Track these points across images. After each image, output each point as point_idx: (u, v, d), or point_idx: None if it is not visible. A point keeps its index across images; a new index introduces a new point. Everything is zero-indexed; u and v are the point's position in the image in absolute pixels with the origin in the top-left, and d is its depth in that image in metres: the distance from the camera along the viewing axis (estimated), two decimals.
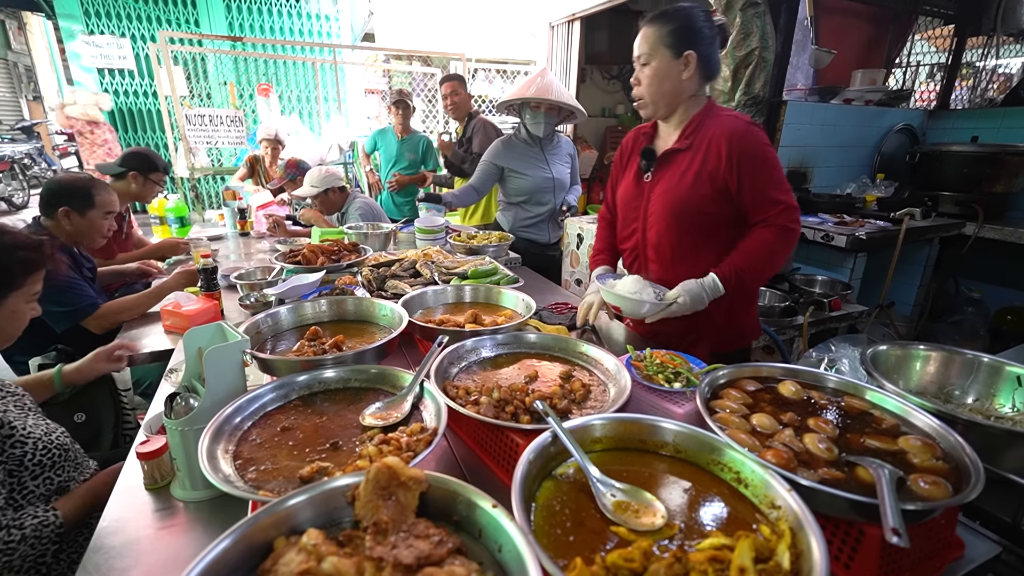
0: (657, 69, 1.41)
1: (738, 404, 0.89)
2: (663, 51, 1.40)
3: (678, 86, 1.43)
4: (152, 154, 2.80)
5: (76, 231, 2.06)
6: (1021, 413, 0.94)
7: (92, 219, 2.08)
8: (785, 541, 0.61)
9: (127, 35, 5.85)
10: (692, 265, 1.44)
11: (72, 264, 2.00)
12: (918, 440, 0.78)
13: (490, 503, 0.61)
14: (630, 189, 1.60)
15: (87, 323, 1.87)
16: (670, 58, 1.40)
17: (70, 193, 2.02)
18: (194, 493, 0.93)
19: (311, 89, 6.54)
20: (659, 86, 1.43)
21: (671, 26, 1.39)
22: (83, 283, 1.94)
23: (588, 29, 5.20)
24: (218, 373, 0.92)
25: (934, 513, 0.66)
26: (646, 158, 1.53)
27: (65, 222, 2.02)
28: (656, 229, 1.52)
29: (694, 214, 1.44)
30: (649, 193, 1.53)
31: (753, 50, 2.85)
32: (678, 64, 1.40)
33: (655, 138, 1.61)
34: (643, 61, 1.43)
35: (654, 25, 1.42)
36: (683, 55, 1.39)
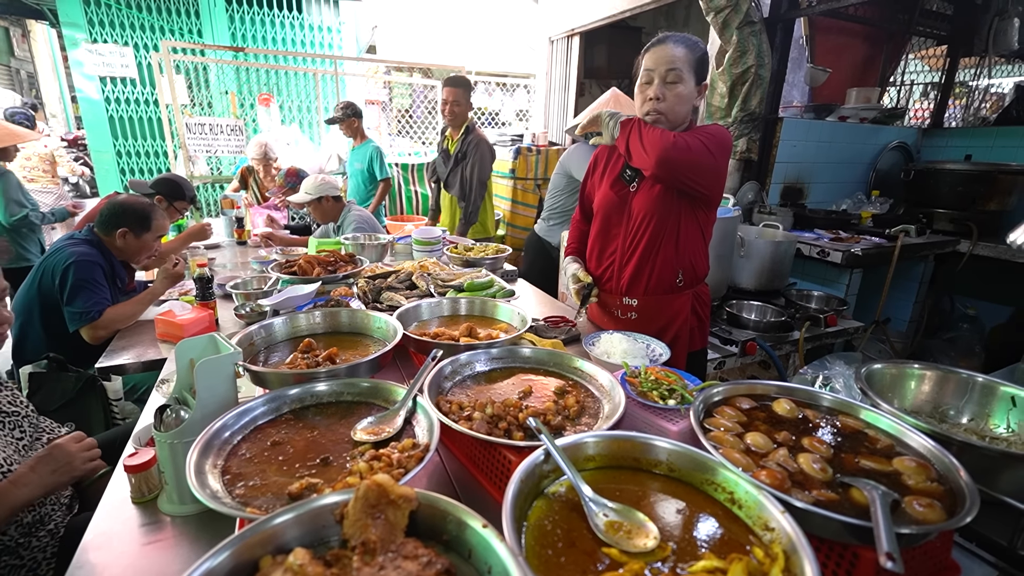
0: (685, 91, 1.49)
1: (732, 422, 0.88)
2: (690, 76, 1.48)
3: (689, 112, 1.52)
4: (183, 183, 2.93)
5: (128, 250, 2.15)
6: (1015, 434, 0.94)
7: (145, 241, 2.17)
8: (779, 564, 0.60)
9: (130, 44, 5.90)
10: (659, 267, 1.60)
11: (110, 272, 2.05)
12: (913, 461, 0.78)
13: (480, 523, 0.60)
14: (611, 199, 1.67)
15: (85, 330, 1.87)
16: (694, 84, 1.49)
17: (132, 215, 2.10)
18: (182, 507, 0.91)
19: (312, 99, 6.58)
20: (682, 107, 1.51)
21: (698, 55, 1.49)
22: (106, 289, 1.98)
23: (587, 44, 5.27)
24: (209, 386, 0.91)
25: (929, 537, 0.65)
26: (631, 169, 1.59)
27: (120, 241, 2.10)
28: (640, 234, 1.60)
29: (672, 218, 1.55)
30: (632, 201, 1.58)
31: (749, 67, 2.89)
32: (696, 91, 1.50)
33: None
34: (672, 79, 1.47)
35: (683, 48, 1.47)
36: (701, 84, 1.51)
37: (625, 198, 1.63)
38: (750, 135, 3.18)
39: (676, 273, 1.60)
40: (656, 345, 1.38)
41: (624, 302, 1.67)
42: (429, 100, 6.56)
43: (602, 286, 1.72)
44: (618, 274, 1.67)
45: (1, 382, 1.35)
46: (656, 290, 1.61)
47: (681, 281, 1.61)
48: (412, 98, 6.77)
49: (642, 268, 1.62)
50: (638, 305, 1.65)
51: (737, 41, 2.86)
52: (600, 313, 1.79)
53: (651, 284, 1.61)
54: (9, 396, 1.34)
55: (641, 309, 1.65)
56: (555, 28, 5.27)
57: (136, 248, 2.15)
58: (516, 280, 2.35)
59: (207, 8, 6.13)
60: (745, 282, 2.76)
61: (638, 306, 1.65)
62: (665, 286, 1.61)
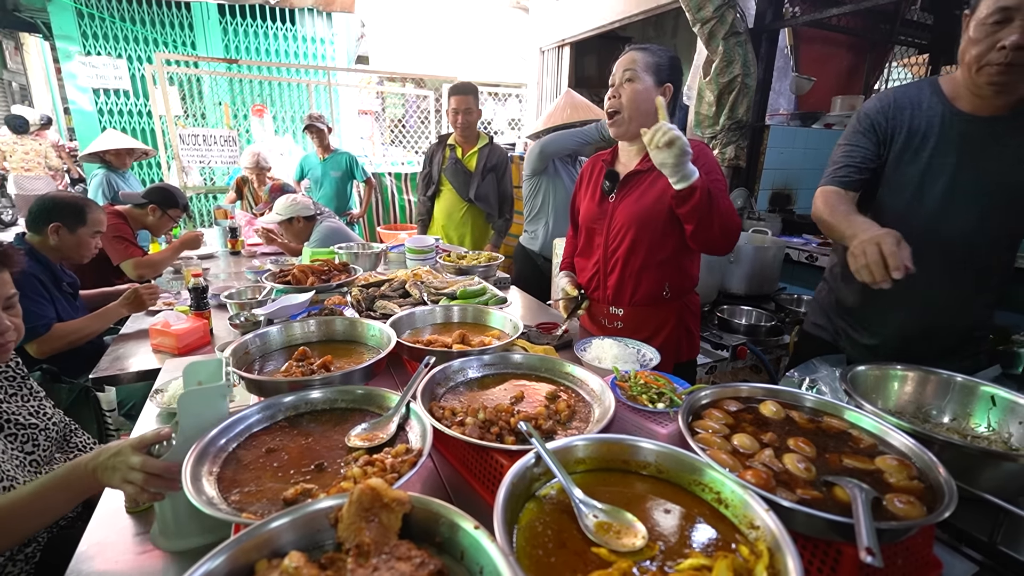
0: (640, 90, 1.52)
1: (720, 424, 0.90)
2: (648, 76, 1.51)
3: (651, 110, 1.53)
4: (176, 191, 2.95)
5: (63, 247, 2.07)
6: (995, 432, 0.96)
7: (81, 236, 2.10)
8: (763, 562, 0.62)
9: (123, 56, 5.92)
10: (643, 278, 1.61)
11: (50, 280, 1.99)
12: (894, 460, 0.80)
13: (472, 524, 0.61)
14: (593, 210, 1.71)
15: (31, 345, 1.81)
16: (652, 84, 1.52)
17: (62, 209, 2.04)
18: (176, 542, 0.87)
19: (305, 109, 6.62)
20: (638, 106, 1.53)
21: (657, 59, 1.53)
22: (45, 302, 1.91)
23: (578, 54, 5.34)
24: (193, 417, 0.86)
25: (910, 532, 0.67)
26: (609, 180, 1.62)
27: (53, 238, 2.03)
28: (618, 244, 1.62)
29: (653, 229, 1.55)
30: (612, 212, 1.63)
31: (736, 77, 2.95)
32: (657, 91, 1.52)
33: (615, 162, 1.72)
34: (627, 77, 1.53)
35: (644, 53, 1.55)
36: (664, 85, 1.53)
37: (606, 209, 1.66)
38: (738, 142, 3.23)
39: (662, 285, 1.61)
40: (646, 350, 1.40)
41: (611, 311, 1.70)
42: (421, 110, 6.61)
43: (590, 295, 1.74)
44: (603, 284, 1.69)
45: (32, 391, 1.33)
46: (641, 301, 1.63)
47: (668, 293, 1.62)
48: (405, 108, 6.83)
49: (624, 279, 1.63)
50: (623, 315, 1.67)
51: (723, 51, 2.92)
52: (589, 322, 1.81)
53: (636, 295, 1.63)
54: (34, 407, 1.32)
55: (627, 319, 1.67)
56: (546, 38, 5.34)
57: (72, 245, 2.07)
58: (508, 287, 2.37)
59: (200, 21, 6.18)
60: (735, 287, 2.79)
61: (623, 315, 1.67)
62: (651, 297, 1.62)
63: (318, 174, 4.46)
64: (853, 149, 1.37)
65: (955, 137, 1.24)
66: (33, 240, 2.04)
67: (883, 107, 1.33)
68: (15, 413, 1.25)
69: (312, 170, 4.52)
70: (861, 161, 1.35)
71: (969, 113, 1.23)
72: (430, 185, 3.24)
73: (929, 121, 1.27)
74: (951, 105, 1.25)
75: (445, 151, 3.16)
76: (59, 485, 0.90)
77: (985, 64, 1.12)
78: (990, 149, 1.21)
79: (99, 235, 2.20)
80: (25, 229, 2.07)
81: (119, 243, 2.61)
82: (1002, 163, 1.21)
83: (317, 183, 4.50)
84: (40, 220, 2.02)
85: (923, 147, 1.28)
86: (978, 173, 1.23)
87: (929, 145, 1.27)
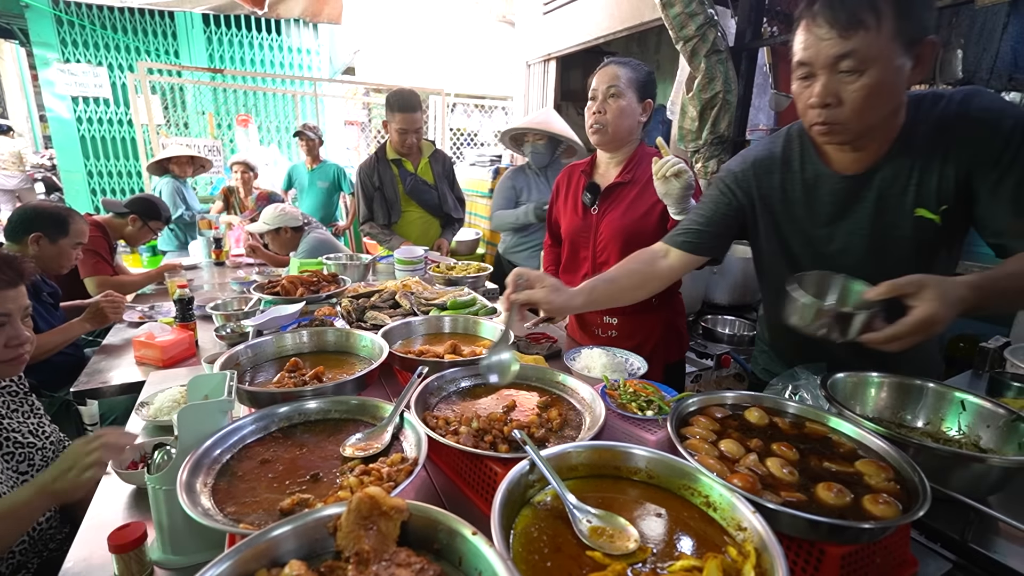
0: (625, 106, 1.58)
1: (707, 430, 0.93)
2: (631, 92, 1.56)
3: (634, 126, 1.61)
4: (158, 203, 2.92)
5: (43, 258, 2.03)
6: (966, 435, 1.01)
7: (62, 247, 2.07)
8: (750, 562, 0.64)
9: (104, 64, 5.84)
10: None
11: (30, 289, 1.96)
12: (873, 463, 0.83)
13: (470, 530, 0.62)
14: (576, 222, 1.75)
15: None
16: (636, 100, 1.58)
17: (44, 219, 2.01)
18: (174, 558, 0.87)
19: (291, 120, 6.60)
20: (623, 120, 1.59)
21: (638, 75, 1.57)
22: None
23: (564, 68, 5.43)
24: (193, 433, 0.85)
25: (887, 531, 0.70)
26: (591, 192, 1.66)
27: (33, 248, 1.99)
28: (606, 256, 1.66)
29: (640, 243, 1.54)
30: (597, 224, 1.67)
31: (717, 93, 3.04)
32: (640, 107, 1.59)
33: (594, 174, 1.74)
34: (612, 92, 1.58)
35: (625, 68, 1.59)
36: (644, 101, 1.60)
37: (590, 223, 1.70)
38: (720, 156, 3.32)
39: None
40: (634, 359, 1.43)
41: (605, 321, 1.73)
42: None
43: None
44: None
45: (32, 408, 1.31)
46: (633, 310, 1.66)
47: (655, 300, 1.66)
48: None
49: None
50: (618, 324, 1.71)
51: (705, 68, 3.01)
52: (580, 332, 1.84)
53: (628, 306, 1.64)
54: (34, 424, 1.29)
55: (620, 327, 1.71)
56: (532, 53, 5.43)
57: (52, 255, 2.04)
58: (497, 298, 2.39)
59: (184, 30, 6.13)
60: (719, 298, 2.85)
61: (618, 324, 1.71)
62: (640, 306, 1.64)
63: (305, 183, 4.47)
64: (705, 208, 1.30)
65: (825, 195, 1.15)
66: (12, 250, 2.00)
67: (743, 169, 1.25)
68: (15, 431, 1.23)
69: (300, 180, 4.53)
70: (709, 223, 1.28)
71: (835, 172, 1.13)
72: (390, 210, 2.88)
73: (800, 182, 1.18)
74: (820, 163, 1.15)
75: (392, 168, 2.88)
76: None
77: (809, 124, 1.05)
78: (856, 207, 1.12)
79: (80, 246, 2.17)
80: (3, 239, 2.03)
81: (90, 257, 2.56)
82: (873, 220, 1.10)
83: (304, 193, 4.51)
84: (20, 229, 1.99)
85: (791, 207, 1.19)
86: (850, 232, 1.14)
87: (798, 205, 1.18)
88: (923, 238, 1.08)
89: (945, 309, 0.86)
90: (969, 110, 0.99)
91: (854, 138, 1.03)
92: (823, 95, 0.98)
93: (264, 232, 2.84)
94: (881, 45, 0.91)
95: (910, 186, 1.05)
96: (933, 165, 1.02)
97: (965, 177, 1.01)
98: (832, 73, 0.96)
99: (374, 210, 2.91)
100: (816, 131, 1.04)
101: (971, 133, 0.98)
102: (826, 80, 0.97)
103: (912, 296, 0.88)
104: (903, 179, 1.05)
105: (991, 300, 0.91)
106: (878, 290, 0.91)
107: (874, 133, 1.03)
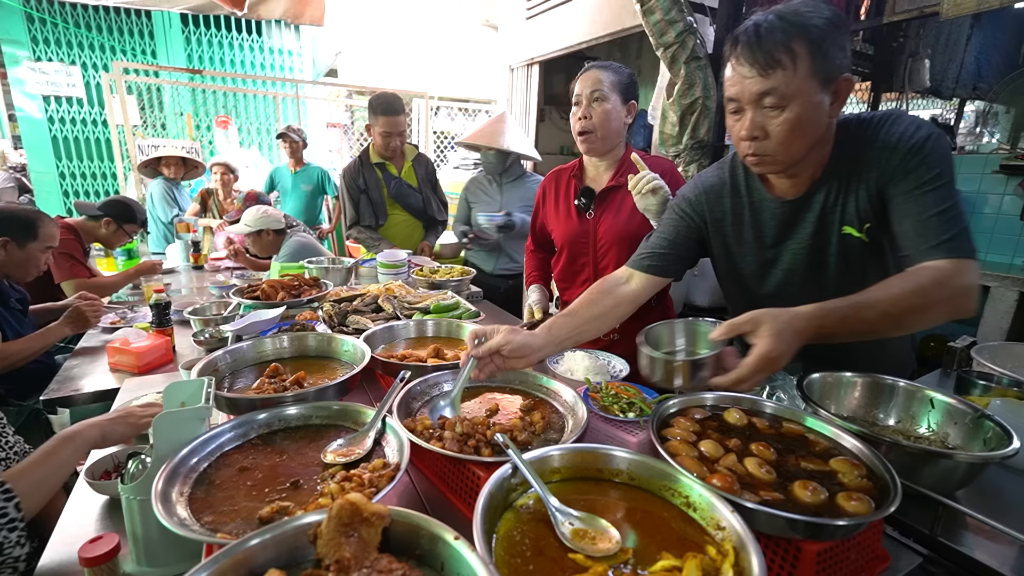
0: (610, 109, 1.60)
1: (687, 432, 0.94)
2: (615, 95, 1.59)
3: (620, 128, 1.63)
4: (133, 205, 2.86)
5: (10, 263, 1.97)
6: (935, 433, 1.04)
7: (31, 252, 2.01)
8: (729, 560, 0.65)
9: (77, 63, 5.70)
10: None
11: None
12: (847, 461, 0.86)
13: (452, 535, 0.62)
14: (572, 227, 1.75)
15: None
16: (620, 103, 1.60)
17: (12, 223, 1.95)
18: (149, 571, 0.85)
19: (272, 122, 6.51)
20: (610, 124, 1.61)
21: (621, 77, 1.59)
22: None
23: (546, 72, 5.47)
24: (169, 443, 0.83)
25: (860, 528, 0.72)
26: (586, 197, 1.67)
27: (1, 253, 1.93)
28: (607, 261, 1.68)
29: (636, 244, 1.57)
30: (595, 228, 1.69)
31: (697, 99, 3.09)
32: (624, 109, 1.62)
33: (584, 178, 1.75)
34: (596, 97, 1.59)
35: (607, 72, 1.61)
36: (628, 103, 1.62)
37: (587, 228, 1.71)
38: (699, 160, 3.38)
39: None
40: (616, 361, 1.44)
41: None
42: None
43: None
44: None
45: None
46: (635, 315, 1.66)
47: (654, 301, 1.68)
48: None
49: None
50: (620, 327, 1.70)
51: (685, 75, 3.06)
52: None
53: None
54: None
55: (623, 330, 1.69)
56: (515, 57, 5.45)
57: (20, 261, 1.98)
58: (481, 301, 2.39)
59: (161, 29, 6.01)
60: (699, 299, 2.90)
61: (620, 328, 1.70)
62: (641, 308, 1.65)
63: (288, 186, 4.41)
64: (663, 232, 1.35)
65: (768, 219, 1.22)
66: None
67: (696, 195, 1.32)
68: None
69: (283, 182, 4.46)
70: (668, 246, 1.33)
71: (775, 197, 1.20)
72: (377, 214, 2.88)
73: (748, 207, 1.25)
74: (762, 189, 1.21)
75: (376, 171, 2.87)
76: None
77: (742, 155, 1.11)
78: (797, 229, 1.18)
79: (51, 250, 2.11)
80: None
81: (65, 260, 2.49)
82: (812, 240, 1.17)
83: (286, 196, 4.45)
84: None
85: (741, 231, 1.26)
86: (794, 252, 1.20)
87: (747, 228, 1.25)
88: (852, 256, 1.15)
89: (781, 344, 0.88)
90: (879, 134, 1.05)
91: (783, 168, 1.10)
92: (751, 129, 1.05)
93: (246, 234, 2.79)
94: (799, 83, 0.98)
95: (838, 207, 1.12)
96: (853, 187, 1.09)
97: (878, 197, 1.08)
98: (757, 108, 1.03)
99: (361, 213, 2.91)
100: (749, 161, 1.11)
101: (878, 155, 1.05)
102: (752, 115, 1.04)
103: (750, 334, 0.91)
104: (832, 201, 1.12)
105: (835, 328, 0.94)
106: (718, 332, 0.96)
107: (805, 161, 1.09)
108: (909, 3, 2.74)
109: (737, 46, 1.03)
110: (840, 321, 0.94)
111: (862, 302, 0.96)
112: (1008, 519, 0.80)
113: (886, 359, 1.27)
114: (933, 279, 0.96)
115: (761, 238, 1.25)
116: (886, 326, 0.96)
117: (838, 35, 0.99)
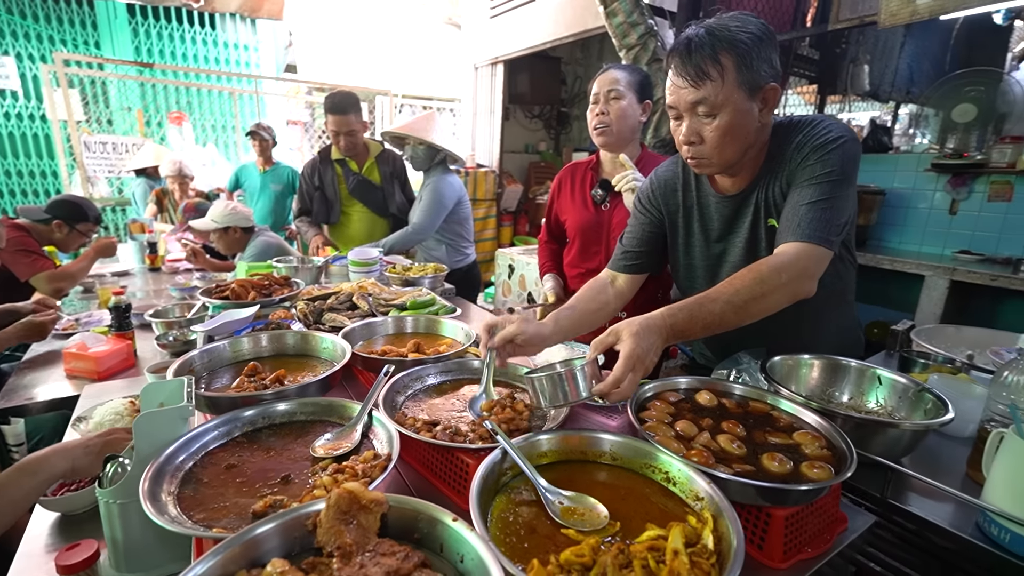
0: (627, 106, 1.67)
1: (663, 413, 1.00)
2: (631, 93, 1.67)
3: (636, 125, 1.71)
4: (83, 203, 2.70)
5: None
6: (883, 406, 1.14)
7: None
8: (708, 526, 0.70)
9: (11, 53, 5.32)
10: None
11: None
12: (808, 434, 0.93)
13: (450, 517, 0.65)
14: (588, 218, 1.82)
15: None
16: (636, 101, 1.68)
17: None
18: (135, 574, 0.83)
19: (229, 119, 6.27)
20: (626, 120, 1.68)
21: (637, 77, 1.69)
22: None
23: (511, 72, 5.51)
24: (151, 444, 0.81)
25: (822, 492, 0.79)
26: (603, 189, 1.74)
27: None
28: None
29: None
30: (609, 220, 1.76)
31: (658, 99, 3.20)
32: (640, 107, 1.69)
33: (601, 171, 1.85)
34: (613, 95, 1.66)
35: (624, 72, 1.69)
36: (644, 102, 1.70)
37: (602, 218, 1.77)
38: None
39: (657, 288, 1.75)
40: None
41: (619, 316, 1.79)
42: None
43: None
44: None
45: None
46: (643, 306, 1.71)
47: (660, 294, 1.78)
48: None
49: None
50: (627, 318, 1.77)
51: None
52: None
53: (638, 299, 1.63)
54: None
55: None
56: (479, 56, 5.46)
57: None
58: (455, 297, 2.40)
59: (106, 20, 5.69)
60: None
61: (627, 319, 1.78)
62: (647, 301, 1.69)
63: (256, 186, 4.23)
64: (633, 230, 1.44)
65: (714, 214, 1.30)
66: None
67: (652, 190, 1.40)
68: None
69: (250, 181, 4.27)
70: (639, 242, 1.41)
71: (719, 193, 1.28)
72: (329, 211, 2.88)
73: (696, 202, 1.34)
74: (708, 186, 1.31)
75: (335, 168, 2.87)
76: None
77: (684, 157, 1.21)
78: (739, 223, 1.27)
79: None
80: None
81: (25, 256, 2.35)
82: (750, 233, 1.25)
83: (254, 195, 4.25)
84: None
85: (691, 224, 1.35)
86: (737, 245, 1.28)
87: (696, 222, 1.34)
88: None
89: (642, 342, 0.94)
90: (799, 135, 1.15)
91: (720, 169, 1.19)
92: (688, 134, 1.14)
93: (212, 231, 2.70)
94: (727, 93, 1.06)
95: (766, 201, 1.21)
96: (774, 182, 1.19)
97: (785, 191, 1.17)
98: (693, 115, 1.12)
99: (312, 209, 2.93)
100: (690, 163, 1.21)
101: (792, 153, 1.15)
102: (689, 121, 1.13)
103: (615, 344, 0.98)
104: (763, 196, 1.22)
105: (687, 325, 1.00)
106: (589, 353, 1.01)
107: (741, 161, 1.18)
108: (851, 12, 2.93)
109: (672, 60, 1.11)
110: (689, 317, 1.00)
111: (707, 296, 1.03)
112: (947, 479, 0.90)
113: (842, 342, 1.38)
114: (772, 266, 1.04)
115: (708, 232, 1.34)
116: (733, 316, 1.02)
117: (763, 48, 1.06)
